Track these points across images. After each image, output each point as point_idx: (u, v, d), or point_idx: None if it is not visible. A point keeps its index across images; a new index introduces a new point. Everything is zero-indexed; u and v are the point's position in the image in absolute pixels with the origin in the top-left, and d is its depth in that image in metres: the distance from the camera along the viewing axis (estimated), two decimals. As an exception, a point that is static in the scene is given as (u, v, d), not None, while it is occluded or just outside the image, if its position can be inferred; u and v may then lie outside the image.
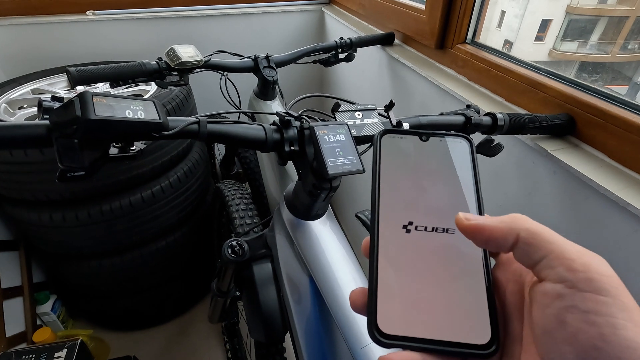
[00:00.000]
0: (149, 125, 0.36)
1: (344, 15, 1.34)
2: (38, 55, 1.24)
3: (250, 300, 0.66)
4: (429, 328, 0.18)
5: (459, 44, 0.81)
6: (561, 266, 0.16)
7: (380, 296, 0.19)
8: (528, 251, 0.17)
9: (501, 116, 0.53)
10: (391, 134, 0.23)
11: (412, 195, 0.21)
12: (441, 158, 0.22)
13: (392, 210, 0.21)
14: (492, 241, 0.18)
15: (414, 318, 0.18)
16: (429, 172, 0.22)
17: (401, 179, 0.22)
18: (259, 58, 0.81)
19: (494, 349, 0.18)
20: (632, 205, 0.46)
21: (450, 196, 0.21)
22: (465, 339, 0.18)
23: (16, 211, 0.97)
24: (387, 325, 0.18)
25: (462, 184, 0.22)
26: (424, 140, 0.23)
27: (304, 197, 0.47)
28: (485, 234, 0.18)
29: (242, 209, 0.83)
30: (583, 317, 0.15)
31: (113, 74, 0.66)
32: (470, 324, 0.18)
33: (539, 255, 0.17)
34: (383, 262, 0.20)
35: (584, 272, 0.15)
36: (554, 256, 0.16)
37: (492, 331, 0.18)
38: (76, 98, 0.33)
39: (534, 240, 0.17)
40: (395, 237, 0.20)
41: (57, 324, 1.26)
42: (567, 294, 0.15)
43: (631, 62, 0.78)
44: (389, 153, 0.23)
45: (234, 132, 0.43)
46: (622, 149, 0.52)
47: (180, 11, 1.33)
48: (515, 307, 0.19)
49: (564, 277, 0.16)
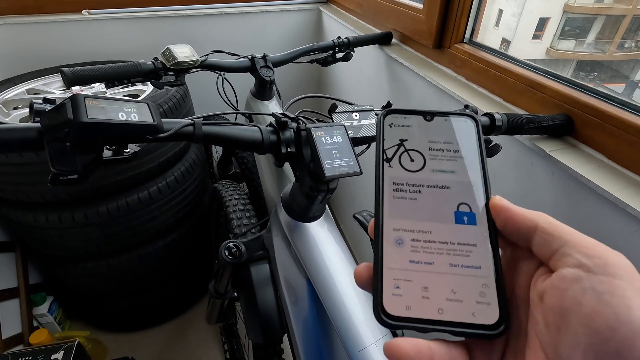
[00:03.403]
0: (143, 128, 0.35)
1: (341, 14, 1.33)
2: (33, 55, 1.23)
3: (248, 301, 0.66)
4: (435, 309, 0.18)
5: (457, 44, 0.81)
6: (579, 253, 0.16)
7: (386, 277, 0.19)
8: (547, 240, 0.17)
9: (499, 116, 0.53)
10: (395, 114, 0.23)
11: (417, 175, 0.21)
12: (446, 137, 0.22)
13: (397, 190, 0.21)
14: (510, 222, 0.19)
15: (420, 299, 0.18)
16: (434, 151, 0.22)
17: (405, 158, 0.22)
18: (256, 58, 0.81)
19: (503, 329, 0.17)
20: (630, 206, 0.46)
21: (457, 174, 0.21)
22: (472, 319, 0.18)
23: (12, 212, 0.96)
24: (393, 307, 0.18)
25: (468, 162, 0.21)
26: (428, 119, 0.23)
27: (300, 199, 0.46)
28: (509, 213, 0.19)
29: (239, 210, 0.83)
30: (598, 297, 0.15)
31: (108, 75, 0.65)
32: (477, 304, 0.18)
33: (558, 244, 0.17)
34: (388, 241, 0.20)
35: (600, 259, 0.16)
36: (572, 245, 0.17)
37: (500, 311, 0.18)
38: (68, 100, 0.32)
39: (554, 230, 0.17)
40: (400, 217, 0.20)
41: (54, 325, 1.26)
42: (584, 277, 0.15)
43: (628, 60, 0.78)
44: (392, 132, 0.22)
45: (230, 134, 0.42)
46: (620, 149, 0.52)
47: (176, 10, 1.32)
48: (522, 300, 0.18)
49: (582, 262, 0.16)
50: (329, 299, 0.45)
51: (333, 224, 0.54)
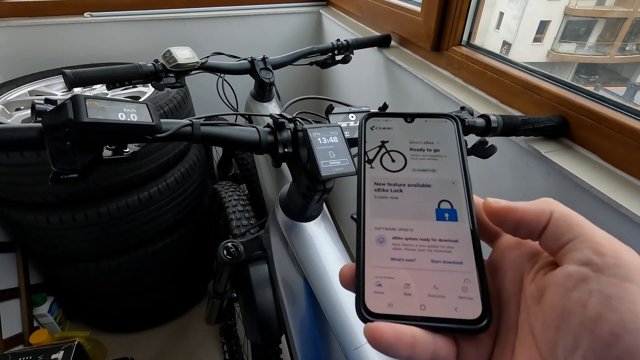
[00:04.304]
0: (142, 128, 0.36)
1: (341, 16, 1.34)
2: (35, 57, 1.24)
3: (247, 301, 0.66)
4: (417, 305, 0.18)
5: (455, 46, 0.82)
6: (589, 249, 0.15)
7: (368, 276, 0.19)
8: (558, 233, 0.16)
9: (494, 118, 0.54)
10: (376, 117, 0.24)
11: (398, 175, 0.22)
12: (427, 137, 0.23)
13: (378, 190, 0.21)
14: (524, 223, 0.17)
15: (402, 295, 0.18)
16: (415, 151, 0.22)
17: (387, 158, 0.22)
18: (256, 60, 0.82)
19: (486, 323, 0.17)
20: (624, 207, 0.46)
21: (438, 173, 0.21)
22: (455, 314, 0.18)
23: (13, 213, 0.97)
24: (375, 304, 0.18)
25: (449, 160, 0.22)
26: (408, 121, 0.23)
27: (297, 199, 0.47)
28: (518, 215, 0.17)
29: (238, 211, 0.83)
30: (605, 301, 0.14)
31: (109, 76, 0.66)
32: (460, 299, 0.18)
33: (569, 237, 0.16)
34: (370, 240, 0.20)
35: (612, 257, 0.15)
36: (583, 238, 0.16)
37: (483, 306, 0.18)
38: (69, 101, 0.33)
39: (567, 221, 0.16)
40: (382, 216, 0.20)
41: (54, 325, 1.26)
42: (592, 277, 0.15)
43: (629, 63, 0.78)
44: (374, 135, 0.23)
45: (228, 134, 0.43)
46: (614, 151, 0.52)
47: (177, 13, 1.33)
48: (513, 294, 0.18)
49: (591, 260, 0.15)
50: (325, 298, 0.46)
51: (330, 224, 0.54)
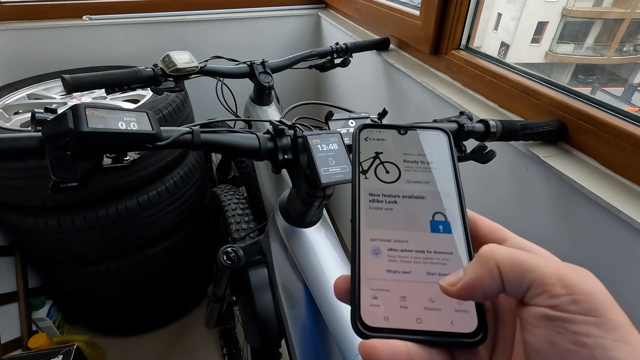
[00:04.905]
0: (142, 137, 0.36)
1: (340, 20, 1.34)
2: (34, 60, 1.24)
3: (246, 305, 0.66)
4: (414, 318, 0.18)
5: (453, 50, 0.82)
6: (545, 294, 0.16)
7: (364, 288, 0.19)
8: (514, 287, 0.17)
9: (494, 123, 0.54)
10: (370, 128, 0.24)
11: (393, 186, 0.22)
12: (420, 149, 0.23)
13: (373, 201, 0.21)
14: (488, 291, 0.17)
15: (399, 309, 0.18)
16: (408, 163, 0.22)
17: (381, 169, 0.22)
18: (255, 63, 0.82)
19: (481, 337, 0.17)
20: (622, 212, 0.46)
21: (431, 185, 0.22)
22: (451, 327, 0.18)
23: (12, 216, 0.97)
24: (371, 318, 0.18)
25: (442, 172, 0.22)
26: (402, 133, 0.23)
27: (297, 205, 0.47)
28: (478, 287, 0.17)
29: (238, 214, 0.83)
30: (572, 338, 0.15)
31: (108, 81, 0.66)
32: (456, 312, 0.18)
33: (524, 286, 0.16)
34: (365, 253, 0.20)
35: (568, 295, 0.15)
36: (537, 284, 0.16)
37: (479, 319, 0.18)
38: (69, 110, 0.33)
39: (516, 272, 0.16)
40: (377, 227, 0.20)
41: (53, 329, 1.26)
42: (554, 316, 0.15)
43: (627, 64, 0.78)
44: (368, 145, 0.23)
45: (228, 141, 0.43)
46: (613, 155, 0.53)
47: (176, 16, 1.33)
48: (509, 310, 0.18)
49: (549, 303, 0.15)
50: (325, 305, 0.46)
51: (330, 230, 0.55)
